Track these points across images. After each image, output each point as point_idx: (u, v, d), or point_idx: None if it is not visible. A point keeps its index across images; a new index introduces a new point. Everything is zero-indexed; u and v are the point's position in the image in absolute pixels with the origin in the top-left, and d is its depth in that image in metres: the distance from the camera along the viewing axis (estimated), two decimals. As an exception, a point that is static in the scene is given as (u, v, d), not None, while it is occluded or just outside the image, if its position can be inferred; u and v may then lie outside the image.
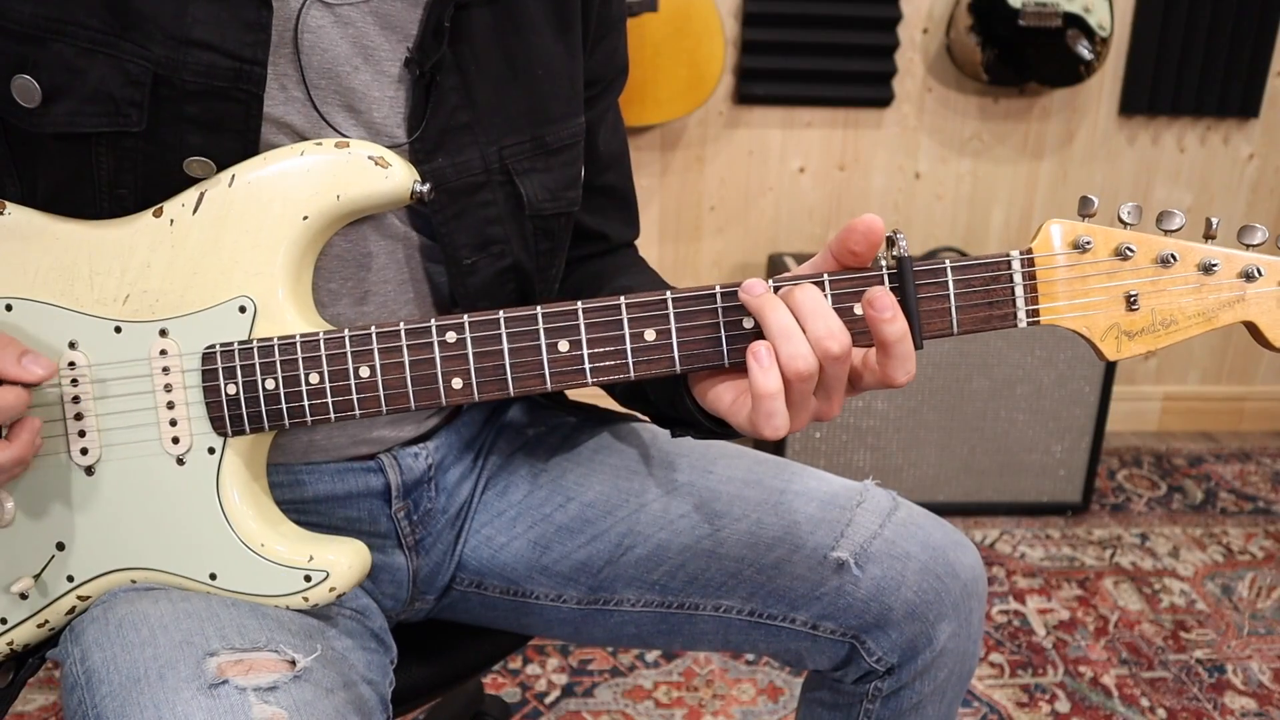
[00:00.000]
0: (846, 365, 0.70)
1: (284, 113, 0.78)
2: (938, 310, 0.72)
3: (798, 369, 0.69)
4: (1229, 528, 2.37)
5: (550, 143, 0.89)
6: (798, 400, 0.70)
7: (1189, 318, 0.73)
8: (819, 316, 0.69)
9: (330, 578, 0.78)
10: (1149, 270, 0.72)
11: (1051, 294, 0.72)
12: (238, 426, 0.77)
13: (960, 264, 0.72)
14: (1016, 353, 2.24)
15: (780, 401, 0.69)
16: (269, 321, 0.76)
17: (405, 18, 0.82)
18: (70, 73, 0.72)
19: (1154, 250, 0.72)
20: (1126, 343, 0.73)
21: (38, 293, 0.77)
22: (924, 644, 0.92)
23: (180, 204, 0.76)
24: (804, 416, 0.72)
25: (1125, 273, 0.72)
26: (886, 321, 0.68)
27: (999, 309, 0.73)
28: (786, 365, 0.69)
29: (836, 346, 0.69)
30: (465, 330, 0.74)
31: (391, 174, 0.76)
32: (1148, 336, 0.73)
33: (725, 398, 0.75)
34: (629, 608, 0.98)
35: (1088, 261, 0.72)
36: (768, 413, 0.70)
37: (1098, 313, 0.73)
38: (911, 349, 0.70)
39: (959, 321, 0.73)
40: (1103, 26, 2.33)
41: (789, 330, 0.69)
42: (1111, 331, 0.73)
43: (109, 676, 0.72)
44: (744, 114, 2.51)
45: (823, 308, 0.69)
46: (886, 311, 0.68)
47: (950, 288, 0.72)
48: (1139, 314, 0.72)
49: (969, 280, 0.72)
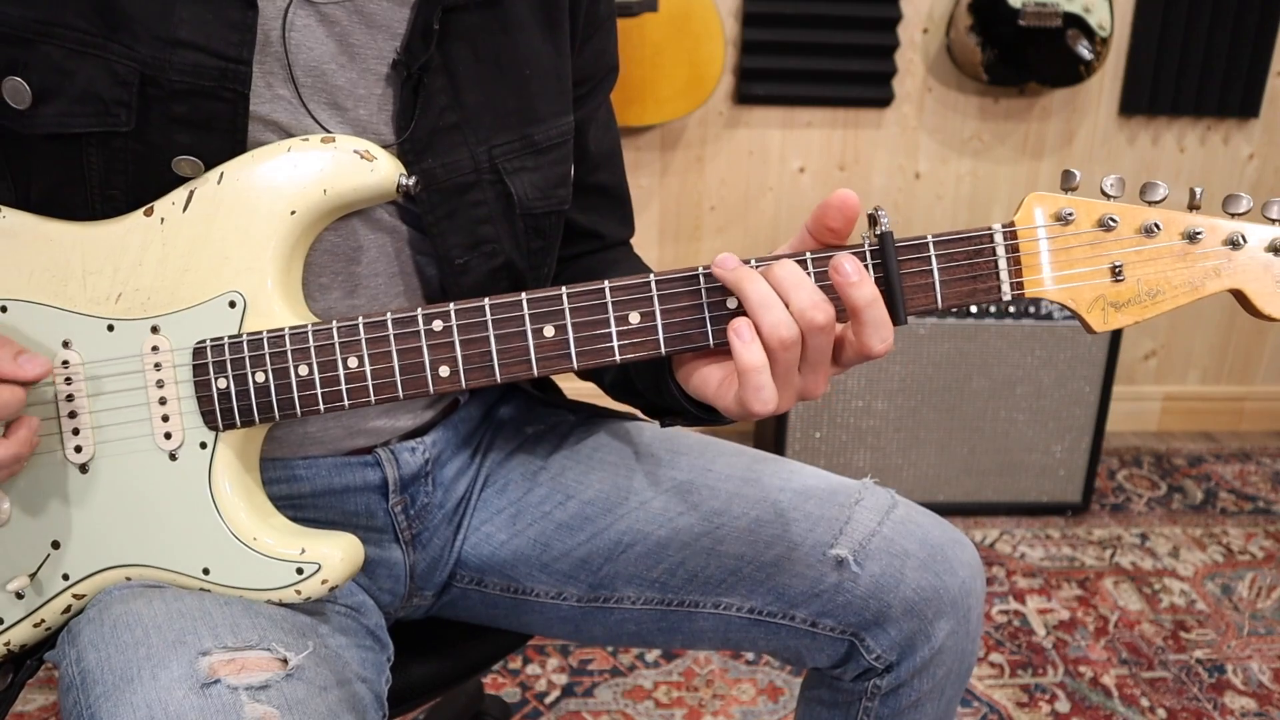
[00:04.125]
0: (831, 336, 0.70)
1: (271, 111, 0.79)
2: (921, 285, 0.73)
3: (781, 337, 0.69)
4: (1229, 528, 2.36)
5: (539, 141, 0.89)
6: (783, 373, 0.70)
7: (1175, 287, 0.72)
8: (801, 288, 0.69)
9: (322, 570, 0.78)
10: (1133, 240, 0.72)
11: (1035, 266, 0.72)
12: (229, 420, 0.77)
13: (942, 238, 0.72)
14: (1016, 353, 2.24)
15: (766, 374, 0.70)
16: (258, 316, 0.77)
17: (391, 16, 0.82)
18: (59, 74, 0.73)
19: (1137, 220, 0.72)
20: (1113, 314, 0.73)
21: (32, 293, 0.78)
22: (922, 641, 0.92)
23: (170, 202, 0.77)
24: (790, 393, 0.72)
25: (1109, 243, 0.72)
26: (854, 285, 0.68)
27: (983, 282, 0.73)
28: (769, 335, 0.69)
29: (821, 316, 0.69)
30: (451, 318, 0.75)
31: (377, 167, 0.76)
32: (1134, 308, 0.73)
33: (712, 381, 0.76)
34: (629, 605, 0.98)
35: (1070, 233, 0.72)
36: (755, 387, 0.70)
37: (1082, 284, 0.72)
38: (885, 315, 0.70)
39: (943, 296, 0.73)
40: (1103, 26, 2.33)
41: (768, 300, 0.69)
42: (1098, 303, 0.73)
43: (103, 677, 0.72)
44: (744, 114, 2.51)
45: (804, 280, 0.70)
46: (852, 276, 0.68)
47: (933, 262, 0.72)
48: (1125, 285, 0.72)
49: (951, 255, 0.72)
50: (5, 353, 0.74)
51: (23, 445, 0.74)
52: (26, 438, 0.75)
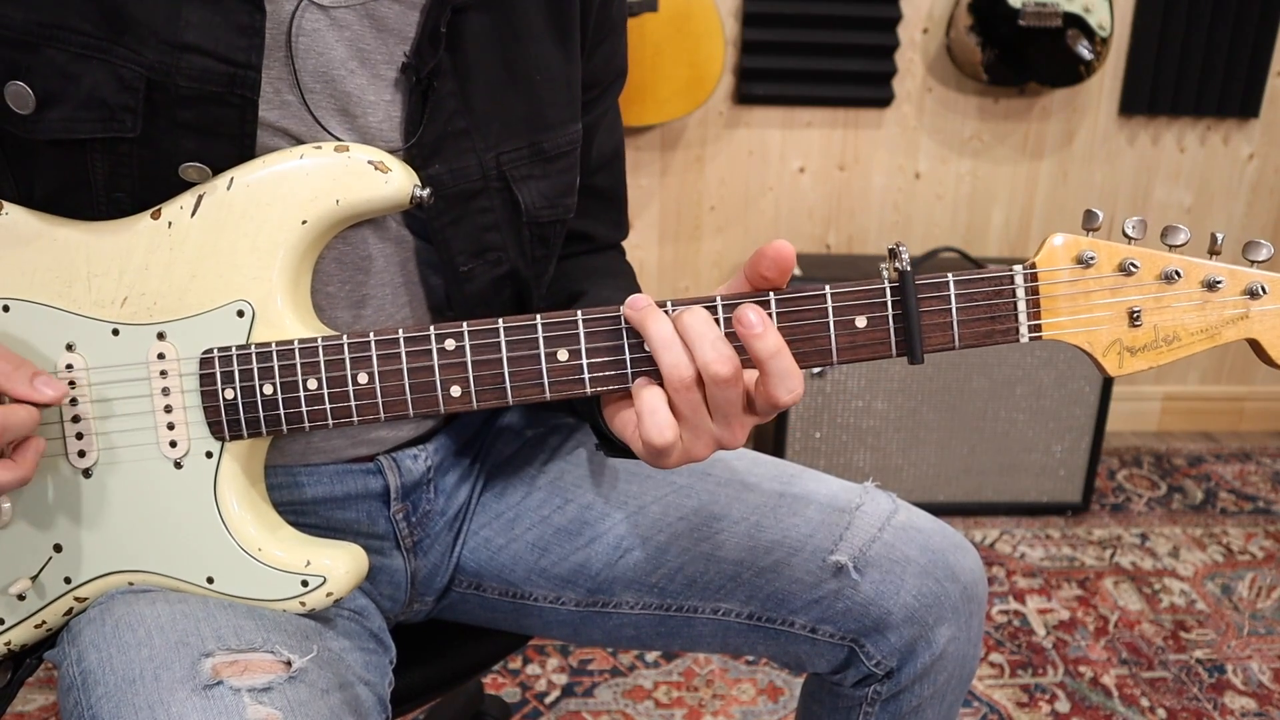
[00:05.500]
0: (738, 388, 0.69)
1: (279, 117, 0.78)
2: (939, 324, 0.72)
3: (681, 376, 0.69)
4: (1229, 528, 2.37)
5: (548, 149, 0.89)
6: (688, 415, 0.70)
7: (1192, 334, 0.72)
8: (704, 339, 0.69)
9: (327, 583, 0.78)
10: (1153, 286, 0.71)
11: (1054, 309, 0.72)
12: (235, 431, 0.76)
13: (963, 278, 0.72)
14: (1016, 353, 2.24)
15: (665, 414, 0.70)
16: (267, 326, 0.76)
17: (402, 21, 0.81)
18: (64, 79, 0.72)
19: (1158, 266, 0.71)
20: (1129, 359, 0.72)
21: (35, 294, 0.77)
22: (923, 648, 0.92)
23: (179, 206, 0.76)
24: (704, 441, 0.71)
25: (1129, 288, 0.72)
26: (757, 337, 0.67)
27: (1001, 324, 0.72)
28: (668, 374, 0.69)
29: (725, 369, 0.68)
30: (464, 338, 0.74)
31: (391, 179, 0.75)
32: (1150, 353, 0.72)
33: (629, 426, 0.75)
34: (627, 610, 0.98)
35: (1091, 277, 0.71)
36: (656, 426, 0.70)
37: (1100, 328, 0.72)
38: (792, 366, 0.69)
39: (960, 336, 0.72)
40: (1103, 26, 2.33)
41: (669, 341, 0.69)
42: (1114, 347, 0.72)
43: (104, 677, 0.72)
44: (744, 114, 2.51)
45: (709, 330, 0.69)
46: (756, 327, 0.68)
47: (952, 301, 0.72)
48: (1141, 330, 0.72)
49: (971, 295, 0.72)
50: (21, 374, 0.73)
51: (29, 468, 0.73)
52: (34, 461, 0.74)
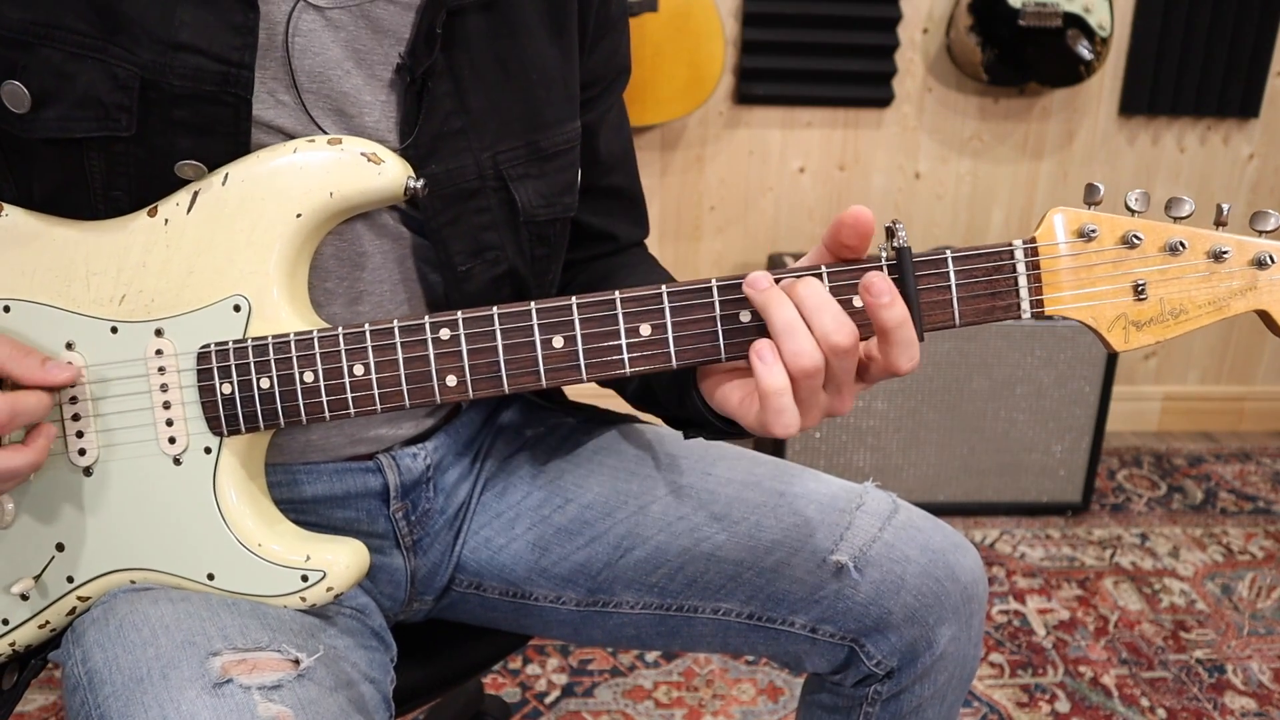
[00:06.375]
0: (855, 358, 0.69)
1: (274, 116, 0.78)
2: (939, 301, 0.71)
3: (803, 366, 0.68)
4: (1229, 528, 2.36)
5: (545, 148, 0.89)
6: (806, 396, 0.69)
7: (1199, 307, 0.70)
8: (824, 310, 0.68)
9: (328, 578, 0.78)
10: (1157, 258, 0.70)
11: (1056, 284, 0.71)
12: (233, 426, 0.76)
13: (962, 254, 0.71)
14: (1016, 353, 2.24)
15: (788, 398, 0.69)
16: (263, 320, 0.76)
17: (397, 21, 0.81)
18: (59, 78, 0.73)
19: (1162, 238, 0.70)
20: (1135, 333, 0.71)
21: (35, 294, 0.77)
22: (924, 648, 0.92)
23: (175, 203, 0.76)
24: (816, 413, 0.71)
25: (1132, 261, 0.70)
26: (885, 306, 0.67)
27: (1002, 299, 0.71)
28: (791, 362, 0.68)
29: (845, 339, 0.68)
30: (459, 327, 0.74)
31: (385, 170, 0.75)
32: (1156, 327, 0.71)
33: (733, 397, 0.75)
34: (628, 610, 0.97)
35: (1093, 250, 0.70)
36: (776, 410, 0.69)
37: (1104, 303, 0.71)
38: (914, 334, 0.69)
39: (961, 313, 0.71)
40: (1103, 26, 2.33)
41: (793, 326, 0.68)
42: (1119, 322, 0.71)
43: (111, 677, 0.72)
44: (744, 114, 2.51)
45: (827, 301, 0.68)
46: (884, 296, 0.67)
47: (951, 278, 0.71)
48: (1147, 304, 0.70)
49: (971, 270, 0.71)
50: (32, 360, 0.74)
51: (41, 454, 0.74)
52: (45, 446, 0.74)
